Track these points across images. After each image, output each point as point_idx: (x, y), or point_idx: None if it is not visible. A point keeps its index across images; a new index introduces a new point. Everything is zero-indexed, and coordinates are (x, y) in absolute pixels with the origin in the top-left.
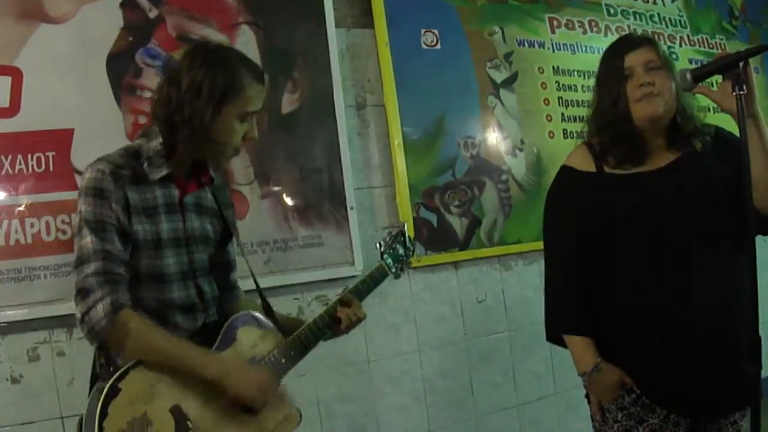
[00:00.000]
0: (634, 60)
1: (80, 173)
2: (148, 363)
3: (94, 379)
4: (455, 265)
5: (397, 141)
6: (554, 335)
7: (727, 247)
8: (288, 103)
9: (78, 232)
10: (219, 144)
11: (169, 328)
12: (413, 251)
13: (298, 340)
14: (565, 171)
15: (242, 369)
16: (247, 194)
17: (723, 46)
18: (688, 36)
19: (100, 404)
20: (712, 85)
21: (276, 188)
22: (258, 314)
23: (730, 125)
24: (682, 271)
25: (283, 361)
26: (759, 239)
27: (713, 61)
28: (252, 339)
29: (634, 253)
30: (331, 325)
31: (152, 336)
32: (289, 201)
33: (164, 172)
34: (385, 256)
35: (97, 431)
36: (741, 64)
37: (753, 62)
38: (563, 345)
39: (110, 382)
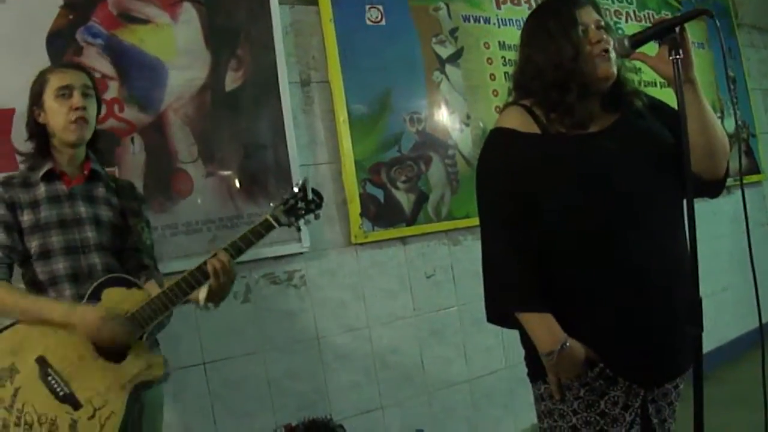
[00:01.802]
0: (586, 17)
1: (21, 154)
2: (21, 322)
3: None
4: (403, 240)
5: (342, 117)
6: (504, 314)
7: (673, 209)
8: (231, 80)
9: None
10: (53, 126)
11: (59, 296)
12: (318, 201)
13: (163, 295)
14: (505, 133)
15: (84, 311)
16: (191, 172)
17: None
18: (634, 12)
19: None
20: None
21: (220, 166)
22: (127, 276)
23: (671, 100)
24: (636, 235)
25: (144, 315)
26: (706, 209)
27: (650, 27)
28: (118, 297)
29: (588, 217)
30: (201, 281)
31: (8, 297)
32: (234, 179)
33: (44, 170)
34: (275, 210)
35: None
36: (677, 29)
37: (698, 38)
38: (507, 325)
39: None
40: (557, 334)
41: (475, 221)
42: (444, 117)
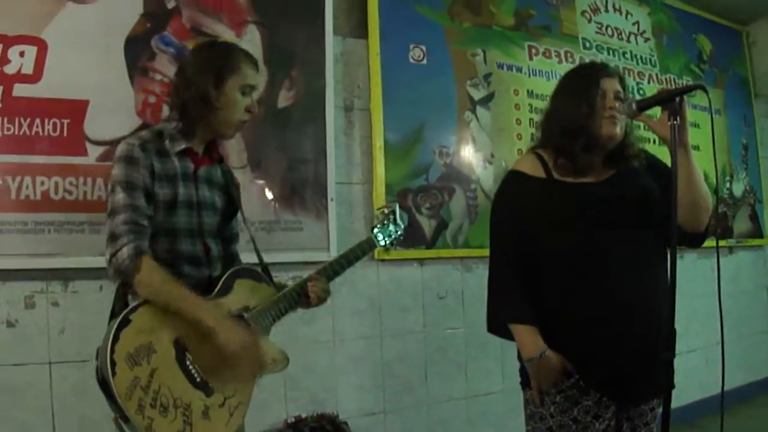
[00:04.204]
0: (608, 85)
1: (92, 141)
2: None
3: (112, 317)
4: (421, 262)
5: (378, 143)
6: (499, 324)
7: (654, 254)
8: (284, 99)
9: (111, 191)
10: (225, 114)
11: (178, 276)
12: (404, 228)
13: (284, 297)
14: (517, 175)
15: (232, 329)
16: (239, 177)
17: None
18: (656, 74)
19: (113, 330)
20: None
21: (265, 174)
22: (255, 269)
23: (664, 156)
24: (617, 271)
25: (272, 313)
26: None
27: (655, 94)
28: (247, 289)
29: (576, 252)
30: (302, 297)
31: (163, 282)
32: (276, 187)
33: (182, 146)
34: (375, 230)
35: (109, 352)
36: (678, 99)
37: (715, 104)
38: (503, 335)
39: (123, 314)
40: (538, 344)
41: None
42: (470, 154)
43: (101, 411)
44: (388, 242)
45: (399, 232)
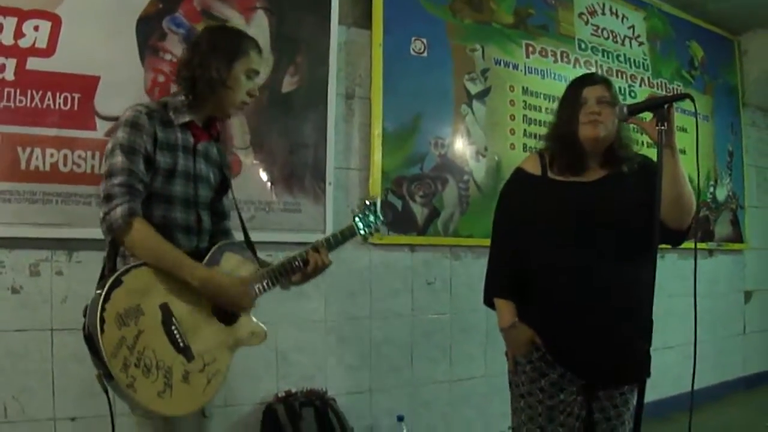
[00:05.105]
0: (590, 93)
1: (101, 117)
2: (148, 264)
3: (102, 278)
4: (412, 247)
5: (377, 131)
6: (488, 298)
7: (634, 249)
8: (288, 84)
9: (110, 153)
10: (230, 92)
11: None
12: (382, 221)
13: (271, 272)
14: (518, 172)
15: (222, 279)
16: (242, 157)
17: (678, 92)
18: (648, 78)
19: (105, 290)
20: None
21: (267, 156)
22: (243, 245)
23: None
24: (597, 262)
25: (257, 287)
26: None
27: (645, 100)
28: (233, 263)
29: (562, 243)
30: (300, 267)
31: (154, 240)
32: (276, 169)
33: (186, 119)
34: (356, 219)
35: (100, 310)
36: (666, 106)
37: (703, 110)
38: (493, 307)
39: (116, 274)
40: (512, 316)
41: (477, 241)
42: (464, 146)
43: None
44: (367, 231)
45: (378, 223)
